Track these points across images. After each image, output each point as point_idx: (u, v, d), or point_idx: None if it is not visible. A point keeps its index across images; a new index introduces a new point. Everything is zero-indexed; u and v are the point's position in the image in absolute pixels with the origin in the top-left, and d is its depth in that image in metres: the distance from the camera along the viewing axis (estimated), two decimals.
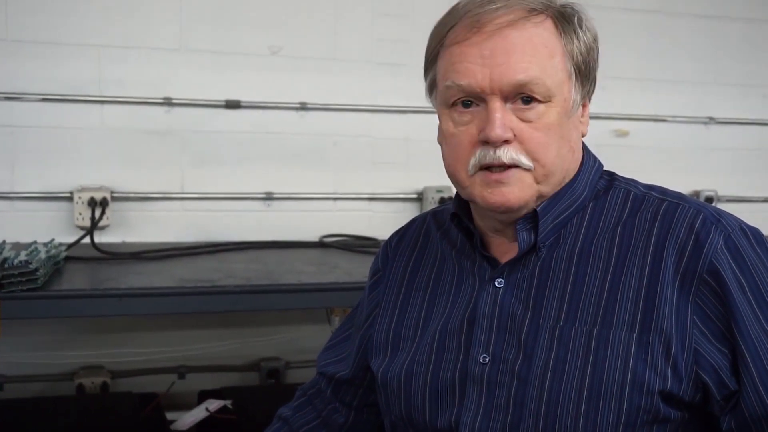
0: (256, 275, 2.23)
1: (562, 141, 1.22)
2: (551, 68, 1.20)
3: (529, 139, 1.19)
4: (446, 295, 1.34)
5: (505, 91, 1.18)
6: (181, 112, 2.74)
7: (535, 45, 1.19)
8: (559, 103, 1.21)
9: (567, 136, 1.23)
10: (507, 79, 1.17)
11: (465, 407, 1.25)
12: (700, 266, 1.17)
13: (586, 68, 1.24)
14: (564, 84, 1.21)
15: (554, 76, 1.20)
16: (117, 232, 2.69)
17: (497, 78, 1.18)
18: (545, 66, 1.19)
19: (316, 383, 1.57)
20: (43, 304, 1.91)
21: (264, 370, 2.86)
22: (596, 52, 1.26)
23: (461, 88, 1.20)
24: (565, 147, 1.23)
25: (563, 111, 1.21)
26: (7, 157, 2.60)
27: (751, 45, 3.35)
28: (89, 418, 2.28)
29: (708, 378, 1.16)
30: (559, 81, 1.20)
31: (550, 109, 1.20)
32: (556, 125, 1.21)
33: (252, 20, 2.79)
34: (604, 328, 1.18)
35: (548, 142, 1.21)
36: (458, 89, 1.21)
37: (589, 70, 1.25)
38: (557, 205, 1.26)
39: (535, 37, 1.19)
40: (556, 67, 1.20)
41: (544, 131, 1.20)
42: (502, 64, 1.17)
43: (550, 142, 1.21)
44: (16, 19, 2.57)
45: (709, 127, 3.32)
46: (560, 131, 1.22)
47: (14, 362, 2.60)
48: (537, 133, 1.20)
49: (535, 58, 1.18)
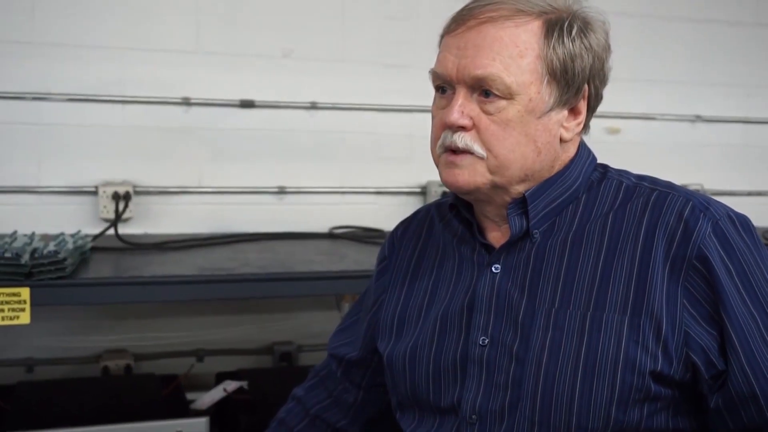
0: (270, 264, 2.23)
1: (525, 139, 1.20)
2: (516, 68, 1.18)
3: (485, 129, 1.19)
4: (448, 281, 1.34)
5: (468, 83, 1.19)
6: (199, 111, 2.74)
7: (504, 43, 1.18)
8: (523, 101, 1.19)
9: (532, 135, 1.21)
10: (468, 72, 1.18)
11: (466, 387, 1.25)
12: (689, 252, 1.16)
13: (567, 74, 1.21)
14: (532, 85, 1.19)
15: (519, 75, 1.18)
16: (139, 224, 2.68)
17: (462, 69, 1.19)
18: (509, 65, 1.17)
19: (327, 365, 1.58)
20: (70, 292, 1.92)
21: (277, 353, 2.86)
22: (587, 61, 1.22)
23: (437, 74, 1.23)
24: (528, 145, 1.21)
25: (527, 110, 1.19)
26: (35, 154, 2.60)
27: (736, 47, 3.34)
28: (113, 399, 2.28)
29: (697, 358, 1.16)
30: (524, 81, 1.18)
31: (511, 105, 1.19)
32: (517, 122, 1.19)
33: (265, 24, 2.78)
34: (597, 311, 1.18)
35: (504, 136, 1.19)
36: (435, 76, 1.23)
37: (572, 77, 1.21)
38: (548, 191, 1.25)
39: (507, 36, 1.18)
40: (524, 68, 1.18)
41: (501, 125, 1.19)
42: (468, 56, 1.18)
43: (506, 136, 1.19)
44: (42, 24, 2.56)
45: (696, 125, 3.31)
46: (522, 129, 1.20)
47: (44, 346, 2.61)
48: (493, 125, 1.19)
49: (499, 56, 1.17)
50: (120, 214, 2.60)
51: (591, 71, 1.24)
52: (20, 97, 2.56)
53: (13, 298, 1.81)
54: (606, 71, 1.27)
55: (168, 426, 1.95)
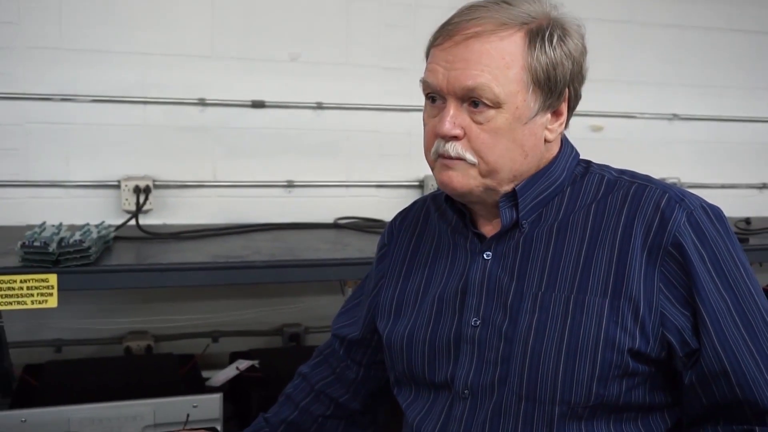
0: (279, 252, 2.23)
1: (513, 144, 1.19)
2: (504, 78, 1.16)
3: (476, 138, 1.18)
4: (443, 267, 1.34)
5: (459, 94, 1.17)
6: (213, 111, 2.73)
7: (492, 56, 1.16)
8: (510, 110, 1.17)
9: (520, 141, 1.20)
10: (459, 84, 1.17)
11: (459, 364, 1.25)
12: (665, 240, 1.16)
13: (550, 81, 1.19)
14: (518, 94, 1.17)
15: (506, 85, 1.16)
16: (159, 216, 2.68)
17: (452, 81, 1.17)
18: (497, 75, 1.16)
19: (331, 344, 1.57)
20: (95, 278, 1.91)
21: (286, 335, 2.86)
22: (567, 67, 1.20)
23: (428, 84, 1.21)
24: (516, 150, 1.20)
25: (514, 118, 1.18)
26: (63, 151, 2.59)
27: (709, 51, 3.33)
28: (135, 376, 2.29)
29: (672, 338, 1.15)
30: (511, 91, 1.17)
31: (499, 114, 1.17)
32: (505, 129, 1.18)
33: (274, 31, 2.78)
34: (580, 294, 1.18)
35: (494, 144, 1.18)
36: (426, 85, 1.22)
37: (554, 83, 1.20)
38: (535, 185, 1.25)
39: (494, 50, 1.16)
40: (510, 78, 1.16)
41: (491, 133, 1.18)
42: (457, 69, 1.17)
43: (495, 143, 1.19)
44: (69, 32, 2.56)
45: (673, 123, 3.30)
46: (511, 135, 1.19)
47: (71, 328, 2.61)
48: (484, 134, 1.18)
49: (488, 67, 1.16)
50: (141, 206, 2.60)
51: (571, 75, 1.22)
52: (49, 98, 2.56)
53: (42, 284, 1.81)
54: (584, 72, 1.26)
55: (185, 401, 1.95)
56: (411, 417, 1.32)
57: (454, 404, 1.25)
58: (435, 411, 1.28)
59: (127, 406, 1.90)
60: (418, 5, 2.91)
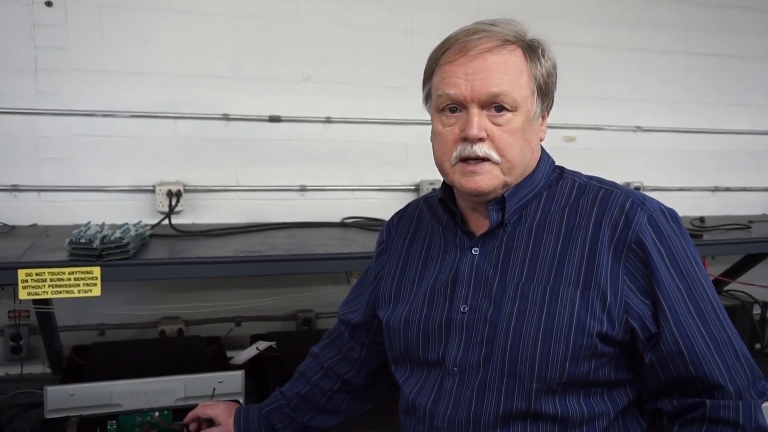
0: (293, 247, 2.22)
1: (525, 142, 1.21)
2: (518, 85, 1.18)
3: (498, 138, 1.19)
4: (435, 260, 1.34)
5: (482, 101, 1.17)
6: (236, 125, 2.73)
7: (507, 67, 1.18)
8: (524, 112, 1.19)
9: (529, 139, 1.22)
10: (484, 91, 1.17)
11: (449, 345, 1.25)
12: (629, 238, 1.16)
13: (546, 88, 1.23)
14: (528, 98, 1.20)
15: (520, 91, 1.18)
16: (189, 216, 2.68)
17: (477, 89, 1.17)
18: (514, 83, 1.18)
19: (338, 328, 1.58)
20: (133, 270, 1.91)
21: (300, 319, 2.86)
22: (555, 76, 1.25)
23: (449, 96, 1.20)
24: (526, 147, 1.22)
25: (526, 119, 1.20)
26: (105, 160, 2.59)
27: (668, 71, 3.32)
28: (169, 356, 2.29)
29: (635, 323, 1.16)
30: (524, 96, 1.19)
31: (516, 116, 1.19)
32: (521, 130, 1.20)
33: (289, 55, 2.77)
34: (555, 285, 1.18)
35: (513, 143, 1.19)
36: (447, 98, 1.20)
37: (548, 90, 1.24)
38: (519, 192, 1.25)
39: (508, 61, 1.18)
40: (522, 85, 1.19)
41: (510, 133, 1.19)
42: (481, 79, 1.17)
43: (514, 142, 1.19)
44: (111, 55, 2.56)
45: (637, 134, 3.30)
46: (523, 135, 1.20)
47: (112, 314, 2.61)
48: (505, 134, 1.19)
49: (507, 76, 1.17)
50: (173, 208, 2.59)
51: (555, 83, 1.25)
52: (93, 114, 2.56)
53: (86, 275, 1.81)
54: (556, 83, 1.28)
55: (212, 377, 1.95)
56: (407, 391, 1.32)
57: (445, 380, 1.25)
58: (428, 386, 1.28)
59: (161, 381, 1.90)
60: (413, 32, 2.90)
